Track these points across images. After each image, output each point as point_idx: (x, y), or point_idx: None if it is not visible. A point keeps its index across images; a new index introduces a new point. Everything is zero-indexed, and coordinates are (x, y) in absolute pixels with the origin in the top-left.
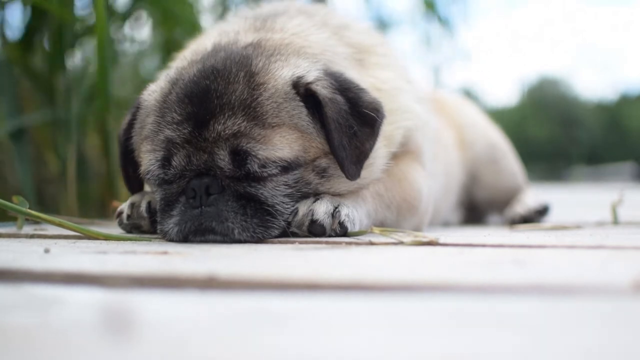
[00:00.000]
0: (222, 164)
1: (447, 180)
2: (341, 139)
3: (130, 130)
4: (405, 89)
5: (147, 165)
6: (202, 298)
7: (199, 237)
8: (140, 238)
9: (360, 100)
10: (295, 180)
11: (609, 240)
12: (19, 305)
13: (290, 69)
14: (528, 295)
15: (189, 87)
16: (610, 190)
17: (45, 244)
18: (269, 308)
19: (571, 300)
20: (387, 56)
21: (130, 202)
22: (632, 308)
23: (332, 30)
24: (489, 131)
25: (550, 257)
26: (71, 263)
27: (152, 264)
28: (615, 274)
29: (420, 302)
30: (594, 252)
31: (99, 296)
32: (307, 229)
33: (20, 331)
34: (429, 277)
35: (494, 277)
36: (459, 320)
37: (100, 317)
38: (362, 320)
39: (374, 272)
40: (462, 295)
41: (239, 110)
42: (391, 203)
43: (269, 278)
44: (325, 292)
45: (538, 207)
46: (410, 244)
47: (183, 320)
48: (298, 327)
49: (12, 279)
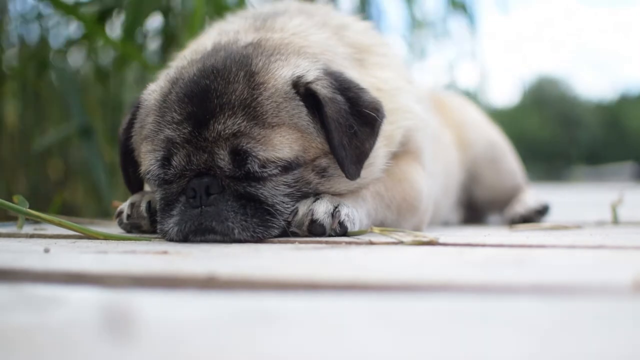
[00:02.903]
0: (222, 163)
1: (447, 180)
2: (341, 139)
3: (130, 130)
4: (406, 89)
5: (147, 165)
6: (202, 298)
7: (199, 237)
8: (140, 238)
9: (360, 100)
10: (295, 180)
11: (609, 240)
12: (19, 305)
13: (290, 69)
14: (528, 295)
15: (189, 86)
16: (610, 190)
17: (45, 244)
18: (269, 308)
19: (571, 300)
20: (387, 56)
21: (130, 202)
22: (632, 308)
23: (332, 30)
24: (489, 131)
25: (550, 257)
26: (71, 263)
27: (152, 264)
28: (615, 274)
29: (420, 302)
30: (594, 252)
31: (98, 296)
32: (307, 229)
33: (20, 331)
34: (429, 277)
35: (494, 277)
36: (459, 320)
37: (100, 317)
38: (362, 320)
39: (374, 272)
40: (462, 295)
41: (239, 110)
42: (391, 203)
43: (269, 278)
44: (325, 292)
45: (538, 206)
46: (410, 244)
47: (183, 320)
48: (298, 327)
49: (12, 279)
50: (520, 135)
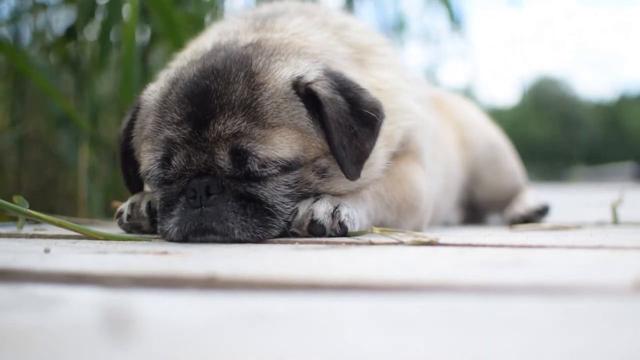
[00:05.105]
0: (222, 164)
1: (447, 180)
2: (341, 139)
3: (130, 130)
4: (405, 89)
5: (147, 165)
6: (202, 298)
7: (199, 237)
8: (140, 238)
9: (360, 100)
10: (296, 180)
11: (609, 240)
12: (19, 305)
13: (290, 69)
14: (528, 295)
15: (189, 87)
16: (610, 190)
17: (45, 244)
18: (269, 308)
19: (571, 300)
20: (387, 56)
21: (130, 202)
22: (632, 308)
23: (332, 30)
24: (489, 131)
25: (550, 257)
26: (71, 263)
27: (152, 264)
28: (615, 274)
29: (420, 302)
30: (594, 252)
31: (98, 296)
32: (307, 229)
33: (20, 331)
34: (429, 277)
35: (494, 277)
36: (459, 321)
37: (100, 317)
38: (362, 320)
39: (373, 272)
40: (462, 295)
41: (239, 110)
42: (391, 203)
43: (269, 278)
44: (325, 292)
45: (538, 207)
46: (410, 244)
47: (183, 321)
48: (298, 327)
49: (12, 279)
50: (520, 135)
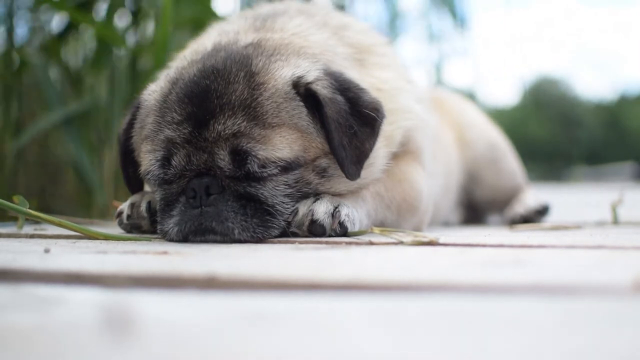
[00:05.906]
0: (222, 164)
1: (447, 180)
2: (341, 139)
3: (130, 130)
4: (405, 89)
5: (147, 165)
6: (202, 298)
7: (199, 237)
8: (140, 238)
9: (360, 100)
10: (296, 180)
11: (609, 240)
12: (19, 305)
13: (290, 69)
14: (528, 295)
15: (189, 87)
16: (610, 190)
17: (45, 244)
18: (269, 308)
19: (571, 300)
20: (387, 56)
21: (130, 202)
22: (632, 308)
23: (332, 30)
24: (489, 131)
25: (550, 257)
26: (71, 263)
27: (152, 264)
28: (615, 274)
29: (420, 302)
30: (594, 252)
31: (98, 296)
32: (307, 229)
33: (20, 331)
34: (429, 277)
35: (494, 277)
36: (459, 321)
37: (100, 317)
38: (362, 320)
39: (373, 272)
40: (462, 295)
41: (239, 110)
42: (391, 203)
43: (269, 278)
44: (325, 292)
45: (538, 207)
46: (410, 244)
47: (183, 321)
48: (298, 327)
49: (12, 279)
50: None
